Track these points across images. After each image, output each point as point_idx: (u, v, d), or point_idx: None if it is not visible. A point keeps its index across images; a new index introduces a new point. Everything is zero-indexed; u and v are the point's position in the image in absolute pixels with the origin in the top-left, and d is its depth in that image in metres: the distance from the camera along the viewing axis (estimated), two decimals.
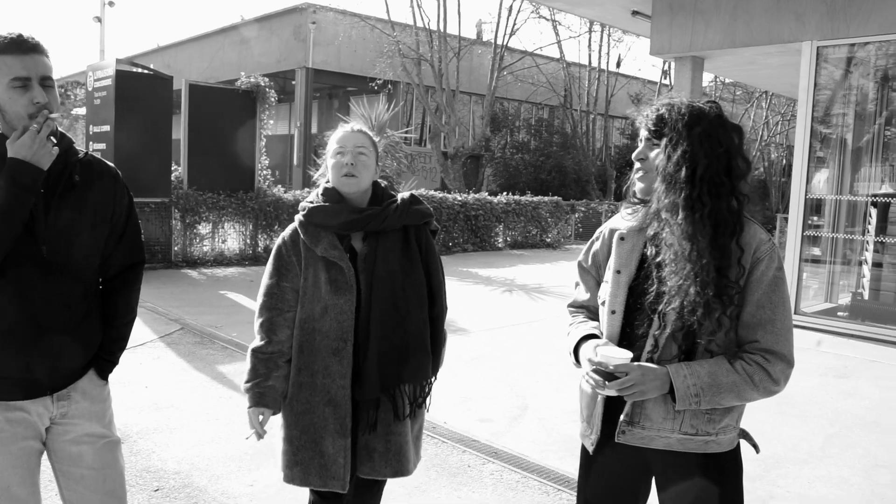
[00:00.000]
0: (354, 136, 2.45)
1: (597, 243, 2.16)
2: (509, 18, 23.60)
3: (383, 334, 2.35)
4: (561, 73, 26.56)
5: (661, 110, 1.97)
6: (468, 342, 6.98)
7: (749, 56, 9.62)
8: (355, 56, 24.17)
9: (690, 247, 1.84)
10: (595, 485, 2.11)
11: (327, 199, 2.43)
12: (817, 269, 9.23)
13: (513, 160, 24.63)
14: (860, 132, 9.12)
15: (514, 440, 4.52)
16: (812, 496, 3.89)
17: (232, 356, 6.20)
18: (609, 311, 1.99)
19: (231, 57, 26.65)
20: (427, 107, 23.43)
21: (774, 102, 26.53)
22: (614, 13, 11.09)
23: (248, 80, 11.85)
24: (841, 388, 6.00)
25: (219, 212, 11.52)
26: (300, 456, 2.39)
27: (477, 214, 15.05)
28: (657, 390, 1.84)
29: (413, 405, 2.45)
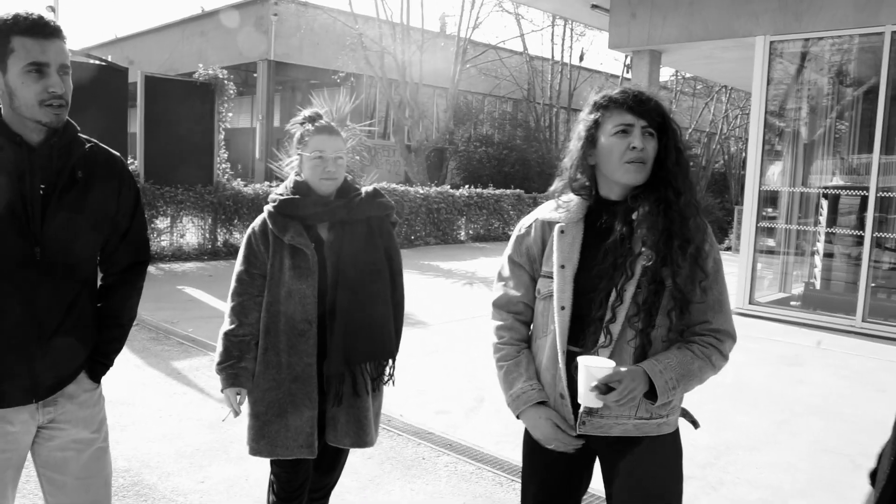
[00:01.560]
0: (334, 141, 2.61)
1: (528, 237, 2.12)
2: (472, 12, 23.58)
3: (349, 314, 2.54)
4: (524, 67, 26.60)
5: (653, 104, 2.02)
6: (427, 335, 6.99)
7: (706, 50, 9.75)
8: (318, 48, 23.94)
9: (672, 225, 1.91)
10: (540, 475, 2.12)
11: (297, 192, 2.60)
12: (772, 259, 9.41)
13: (476, 153, 24.62)
14: (814, 126, 9.30)
15: (469, 432, 4.54)
16: (760, 481, 3.97)
17: (188, 352, 6.14)
18: (559, 307, 1.99)
19: (191, 49, 26.25)
20: (390, 100, 23.33)
21: (734, 97, 26.88)
22: (574, 7, 11.15)
23: (206, 72, 11.69)
24: (792, 375, 6.12)
25: (177, 206, 11.36)
26: (267, 430, 2.55)
27: (439, 207, 15.05)
28: (642, 390, 1.86)
29: (376, 381, 2.66)
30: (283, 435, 2.54)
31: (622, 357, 1.92)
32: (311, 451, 2.55)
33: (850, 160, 8.97)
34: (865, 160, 8.09)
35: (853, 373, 6.23)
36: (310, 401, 2.55)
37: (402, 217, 14.34)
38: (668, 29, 9.30)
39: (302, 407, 2.54)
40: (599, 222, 2.00)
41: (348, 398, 2.60)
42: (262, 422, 2.56)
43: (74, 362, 2.06)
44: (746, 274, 8.73)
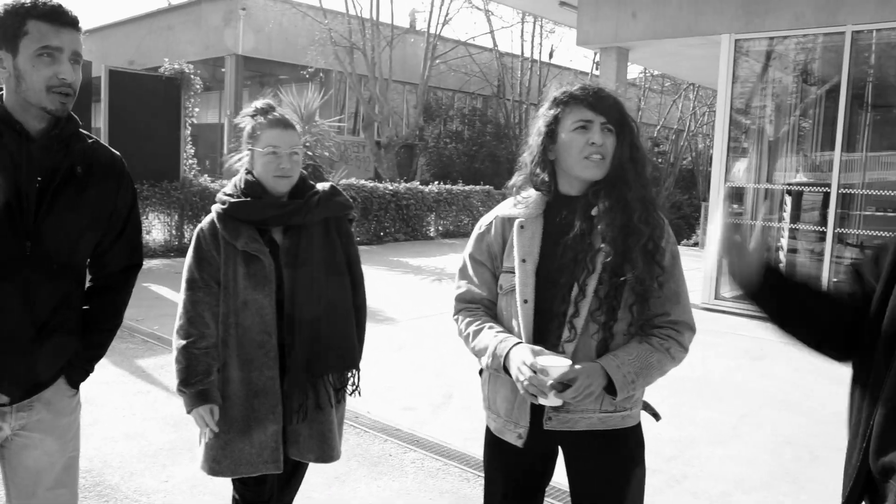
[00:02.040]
0: (289, 136, 2.43)
1: (489, 234, 2.12)
2: (442, 7, 23.54)
3: (308, 325, 2.39)
4: (494, 63, 26.65)
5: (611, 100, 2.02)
6: (395, 331, 6.98)
7: (672, 48, 9.84)
8: (287, 43, 23.76)
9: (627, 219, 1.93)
10: (503, 471, 2.13)
11: (249, 192, 2.41)
12: None
13: (446, 149, 24.64)
14: (779, 124, 9.43)
15: (437, 428, 4.54)
16: (723, 474, 4.03)
17: (152, 350, 6.07)
18: (521, 301, 1.99)
19: (158, 43, 25.89)
20: (360, 96, 23.25)
21: (701, 94, 27.15)
22: (542, 3, 11.20)
23: (171, 66, 11.56)
24: (756, 369, 6.21)
25: (142, 202, 11.20)
26: (229, 449, 2.40)
27: (408, 204, 15.02)
28: (601, 386, 1.87)
29: (339, 392, 2.53)
30: (246, 452, 2.39)
31: (585, 351, 1.93)
32: (276, 466, 2.43)
33: (814, 157, 9.11)
34: (828, 157, 8.23)
35: (814, 366, 6.32)
36: (273, 415, 2.40)
37: (371, 213, 14.31)
38: (635, 26, 9.37)
39: (266, 422, 2.39)
40: (559, 217, 2.02)
41: (311, 412, 2.46)
42: (224, 441, 2.39)
43: (54, 366, 1.98)
44: (712, 269, 8.83)
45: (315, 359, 2.42)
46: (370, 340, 2.74)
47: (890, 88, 8.79)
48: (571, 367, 1.83)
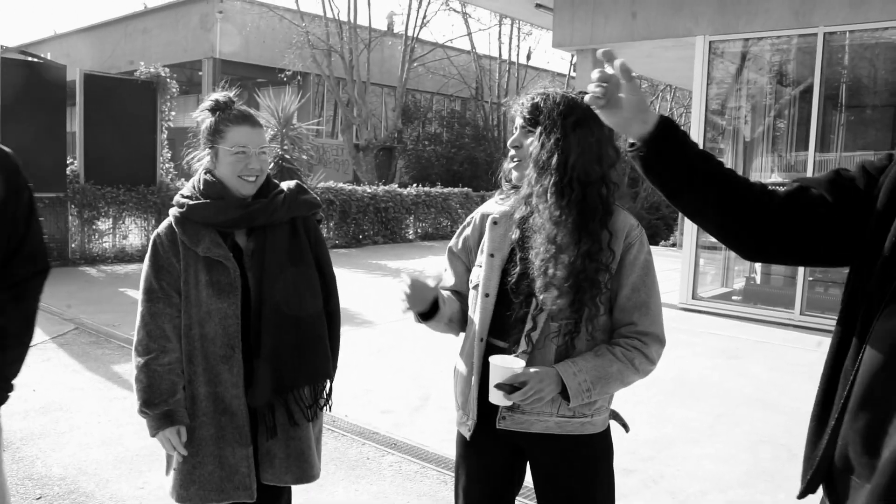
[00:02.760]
0: (258, 134, 2.26)
1: (468, 229, 2.15)
2: (420, 10, 23.58)
3: (276, 335, 2.21)
4: (472, 66, 26.71)
5: (537, 99, 1.99)
6: (373, 334, 6.96)
7: (647, 49, 9.89)
8: (264, 47, 23.68)
9: (556, 231, 1.87)
10: (471, 471, 2.12)
11: (209, 194, 2.22)
12: (715, 255, 9.60)
13: (425, 152, 24.66)
14: (754, 124, 9.52)
15: (414, 431, 4.53)
16: (700, 473, 4.05)
17: (129, 356, 5.94)
18: (483, 293, 2.00)
19: (134, 46, 25.72)
20: (338, 99, 23.21)
21: (678, 95, 27.38)
22: (519, 6, 11.23)
23: (147, 70, 11.47)
24: (732, 368, 6.26)
25: (119, 206, 11.13)
26: (197, 473, 2.20)
27: (387, 206, 15.00)
28: (553, 391, 1.86)
29: (312, 408, 2.31)
30: (217, 476, 2.20)
31: (545, 355, 1.93)
32: (248, 494, 2.23)
33: (788, 158, 9.20)
34: (802, 157, 8.31)
35: (791, 365, 6.40)
36: (241, 436, 2.21)
37: (350, 216, 14.27)
38: (611, 28, 9.42)
39: (234, 443, 2.21)
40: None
41: (285, 430, 2.26)
42: (192, 464, 2.20)
43: None
44: (689, 270, 8.90)
45: (284, 372, 2.23)
46: (348, 344, 2.65)
47: (863, 89, 8.90)
48: (524, 370, 1.83)
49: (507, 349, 1.96)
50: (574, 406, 1.91)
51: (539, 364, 1.91)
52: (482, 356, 1.99)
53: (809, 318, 8.03)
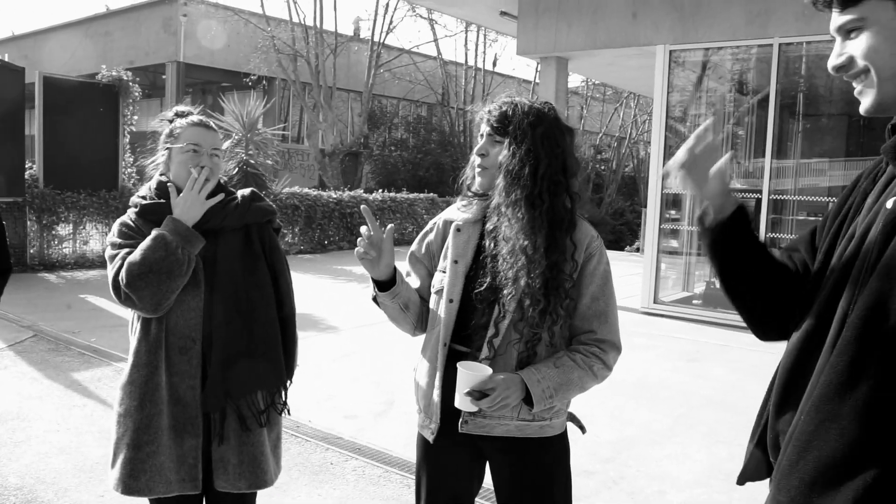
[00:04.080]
0: (211, 136, 2.31)
1: (431, 234, 2.19)
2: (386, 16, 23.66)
3: (227, 340, 2.22)
4: (438, 72, 26.77)
5: (505, 108, 2.02)
6: (338, 340, 6.96)
7: (609, 57, 10.04)
8: (229, 51, 23.50)
9: (527, 241, 1.92)
10: (433, 474, 2.16)
11: (162, 195, 2.27)
12: (676, 260, 9.75)
13: (391, 157, 24.66)
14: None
15: (378, 435, 4.55)
16: (659, 474, 4.13)
17: (89, 362, 5.94)
18: (447, 299, 2.04)
19: (96, 49, 25.33)
20: (304, 104, 23.12)
21: (642, 102, 27.70)
22: (483, 13, 11.32)
23: (109, 73, 11.34)
24: (692, 371, 6.37)
25: (79, 212, 10.97)
26: (150, 463, 2.19)
27: (353, 212, 14.98)
28: (518, 398, 1.90)
29: (264, 413, 2.32)
30: (166, 467, 2.20)
31: (507, 361, 1.97)
32: (195, 486, 2.23)
33: (747, 164, 9.39)
34: (760, 164, 8.49)
35: (749, 366, 6.53)
36: (192, 427, 2.21)
37: (315, 222, 14.22)
38: (574, 36, 9.54)
39: (184, 434, 2.21)
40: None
41: (238, 436, 2.27)
42: (146, 453, 2.19)
43: None
44: (651, 274, 9.03)
45: (237, 377, 2.24)
46: (312, 350, 2.70)
47: (819, 98, 9.12)
48: (491, 377, 1.87)
49: (469, 354, 2.00)
50: (536, 411, 1.96)
51: (501, 369, 1.95)
52: (445, 361, 2.03)
53: None
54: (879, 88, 1.19)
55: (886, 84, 1.18)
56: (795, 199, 8.66)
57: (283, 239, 13.50)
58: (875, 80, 1.19)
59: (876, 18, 1.17)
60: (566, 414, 2.13)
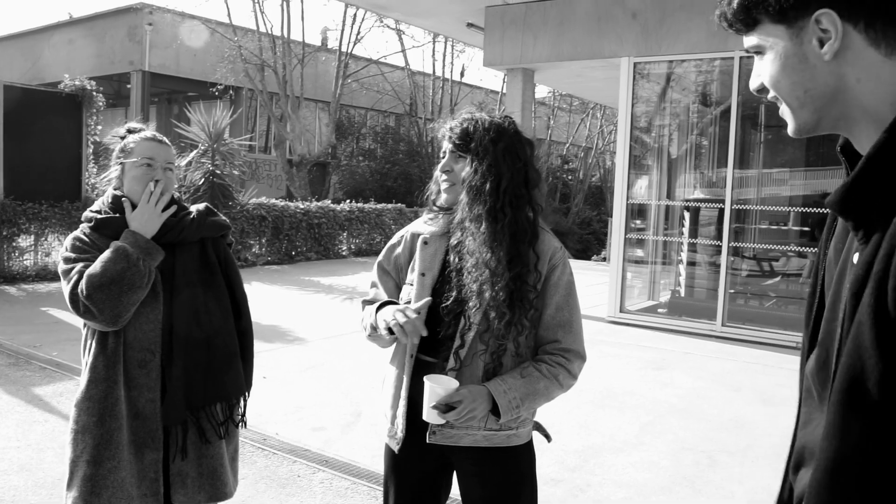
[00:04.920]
0: (164, 149, 2.34)
1: (399, 247, 2.21)
2: (354, 26, 23.61)
3: (187, 354, 2.25)
4: (406, 82, 26.83)
5: (466, 125, 2.06)
6: (305, 352, 6.92)
7: (575, 69, 10.15)
8: (195, 60, 23.32)
9: (491, 254, 1.95)
10: (400, 484, 2.17)
11: (116, 210, 2.29)
12: (641, 269, 9.87)
13: (359, 168, 24.63)
14: (679, 142, 9.85)
15: (345, 447, 4.53)
16: (625, 481, 4.16)
17: (51, 377, 5.83)
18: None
19: (59, 57, 24.99)
20: (271, 114, 23.02)
21: (608, 113, 28.01)
22: (450, 25, 11.38)
23: (72, 82, 11.19)
24: (658, 379, 6.44)
25: (41, 223, 10.78)
26: (110, 479, 2.17)
27: (320, 223, 14.92)
28: (485, 409, 1.93)
29: (224, 425, 2.35)
30: (128, 483, 2.18)
31: (473, 372, 2.00)
32: (156, 500, 2.23)
33: (710, 175, 9.55)
34: (723, 174, 8.63)
35: (713, 374, 6.62)
36: (153, 441, 2.22)
37: (283, 232, 14.14)
38: (539, 48, 9.63)
39: (144, 448, 2.21)
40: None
41: (197, 448, 2.29)
42: (107, 469, 2.17)
43: None
44: (617, 284, 9.12)
45: (196, 390, 2.26)
46: (279, 361, 2.71)
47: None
48: (457, 390, 1.90)
49: (436, 364, 2.02)
50: (503, 421, 1.98)
51: (467, 380, 1.98)
52: (411, 372, 2.05)
53: (730, 329, 8.32)
54: (794, 116, 1.15)
55: (798, 112, 1.13)
56: (758, 209, 8.83)
57: (249, 250, 13.51)
58: (787, 110, 1.15)
59: (772, 45, 1.12)
60: (532, 423, 2.16)
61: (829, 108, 1.09)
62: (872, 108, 1.05)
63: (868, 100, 1.05)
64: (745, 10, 1.12)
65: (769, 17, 1.10)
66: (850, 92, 1.06)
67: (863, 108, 1.06)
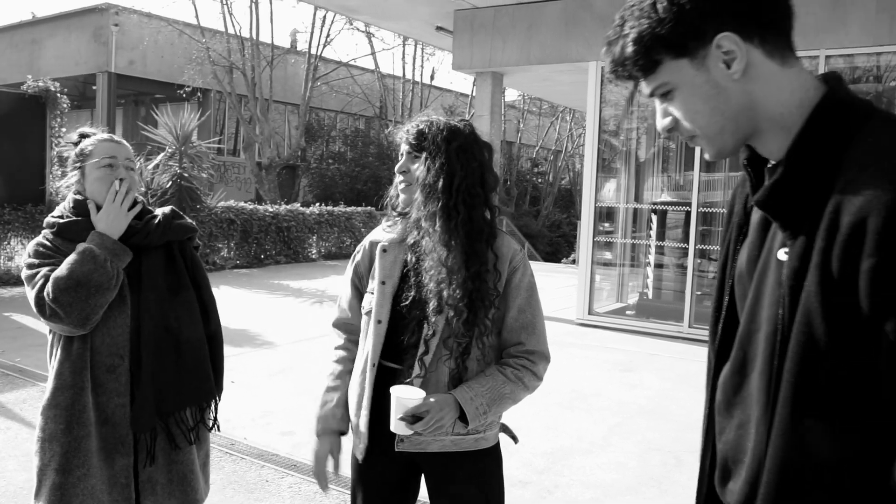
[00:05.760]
0: (123, 148, 2.31)
1: (358, 255, 2.21)
2: (323, 29, 23.53)
3: (156, 359, 2.22)
4: (376, 85, 26.80)
5: (421, 126, 2.08)
6: (274, 356, 6.88)
7: (544, 73, 10.22)
8: (163, 62, 23.07)
9: (447, 252, 1.96)
10: (367, 492, 2.17)
11: (79, 213, 2.25)
12: (610, 271, 9.95)
13: (329, 171, 24.53)
14: (647, 146, 9.95)
15: None
16: (593, 482, 4.20)
17: (13, 383, 5.74)
18: (375, 320, 2.06)
19: (21, 58, 24.58)
20: (240, 116, 22.85)
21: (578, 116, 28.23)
22: (419, 28, 11.39)
23: (35, 83, 11.00)
24: (626, 380, 6.50)
25: (3, 227, 10.58)
26: (80, 487, 2.14)
27: (289, 226, 14.83)
28: (452, 417, 1.93)
29: (194, 430, 2.33)
30: (98, 489, 2.16)
31: (438, 378, 2.00)
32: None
33: (677, 178, 9.66)
34: (690, 177, 8.74)
35: (680, 375, 6.70)
36: (123, 446, 2.19)
37: (252, 236, 14.03)
38: (508, 52, 9.69)
39: (114, 454, 2.19)
40: None
41: (166, 454, 2.27)
42: (77, 476, 2.14)
43: None
44: (585, 286, 9.19)
45: (165, 395, 2.24)
46: (248, 366, 2.69)
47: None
48: (424, 400, 1.90)
49: (401, 371, 2.02)
50: (471, 427, 1.99)
51: (433, 386, 1.98)
52: (374, 381, 2.05)
53: (697, 330, 8.42)
54: (713, 143, 1.19)
55: (718, 139, 1.18)
56: (724, 212, 8.92)
57: (218, 253, 13.39)
58: (706, 140, 1.19)
59: (680, 79, 1.15)
60: (499, 425, 2.17)
61: (744, 126, 1.15)
62: (779, 115, 1.13)
63: (776, 109, 1.13)
64: (643, 54, 1.14)
65: (670, 55, 1.13)
66: (760, 106, 1.13)
67: (771, 119, 1.13)
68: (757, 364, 1.18)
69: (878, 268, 0.97)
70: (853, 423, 1.04)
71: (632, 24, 1.14)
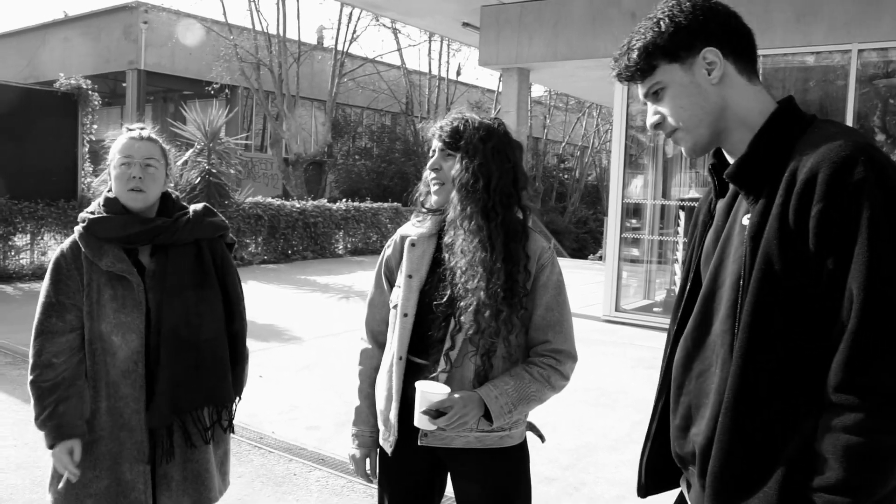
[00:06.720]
0: (142, 145, 2.26)
1: (389, 250, 2.22)
2: (350, 25, 23.63)
3: (175, 356, 2.22)
4: (402, 81, 26.84)
5: (456, 123, 2.07)
6: (301, 350, 6.95)
7: (570, 69, 10.18)
8: (191, 59, 23.31)
9: (485, 253, 1.96)
10: (394, 485, 2.19)
11: (109, 210, 2.25)
12: (637, 268, 9.89)
13: (355, 167, 24.64)
14: None
15: (341, 446, 4.55)
16: (618, 479, 4.19)
17: None
18: (402, 314, 2.07)
19: (54, 56, 24.96)
20: (267, 112, 23.03)
21: (605, 112, 28.04)
22: (445, 24, 11.40)
23: (67, 81, 11.18)
24: (650, 377, 6.47)
25: (37, 222, 10.78)
26: (94, 487, 2.17)
27: (316, 221, 14.93)
28: (476, 415, 1.94)
29: (210, 430, 2.32)
30: (112, 492, 2.18)
31: (464, 374, 2.00)
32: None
33: (705, 174, 9.57)
34: None
35: None
36: (139, 452, 2.21)
37: (279, 231, 14.14)
38: (535, 48, 9.66)
39: (131, 460, 2.20)
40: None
41: (182, 452, 2.27)
42: (89, 478, 2.18)
43: None
44: (612, 283, 9.15)
45: (183, 393, 2.23)
46: (275, 360, 2.71)
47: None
48: (449, 396, 1.91)
49: (426, 366, 2.02)
50: (495, 426, 1.99)
51: (458, 382, 1.98)
52: (402, 374, 2.06)
53: None
54: (691, 134, 1.47)
55: (696, 131, 1.47)
56: None
57: (246, 249, 13.50)
58: (686, 132, 1.47)
59: (671, 80, 1.45)
60: (526, 424, 2.17)
61: (717, 122, 1.45)
62: (745, 116, 1.44)
63: (743, 112, 1.44)
64: (646, 59, 1.46)
65: (665, 60, 1.44)
66: (731, 108, 1.44)
67: (739, 118, 1.44)
68: (720, 313, 1.41)
69: (825, 211, 1.22)
70: (801, 343, 1.27)
71: (638, 38, 1.47)
